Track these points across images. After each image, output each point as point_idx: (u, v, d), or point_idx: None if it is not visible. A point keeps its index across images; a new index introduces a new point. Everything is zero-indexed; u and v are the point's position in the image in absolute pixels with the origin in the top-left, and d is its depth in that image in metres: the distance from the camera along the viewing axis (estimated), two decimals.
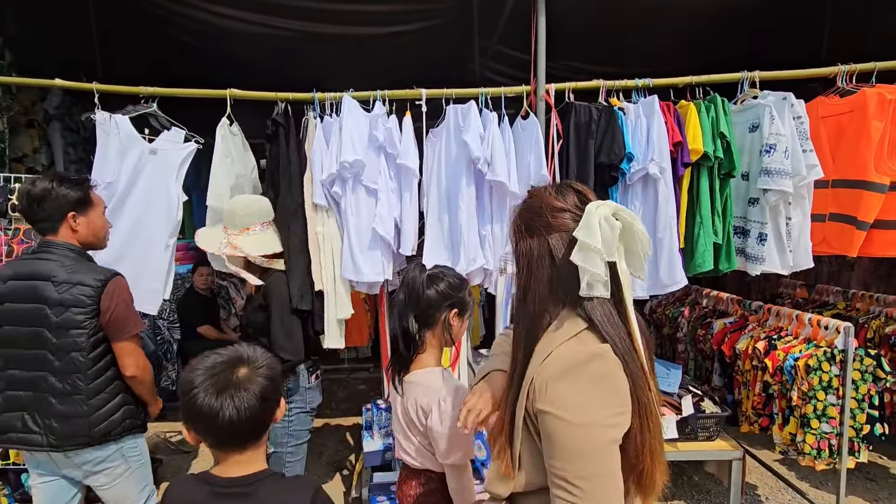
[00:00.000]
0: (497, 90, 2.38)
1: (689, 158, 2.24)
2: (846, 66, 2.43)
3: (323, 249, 2.20)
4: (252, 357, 1.01)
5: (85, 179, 1.78)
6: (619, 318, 0.89)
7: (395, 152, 2.21)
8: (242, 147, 2.43)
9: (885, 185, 2.25)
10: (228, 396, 0.94)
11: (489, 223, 2.28)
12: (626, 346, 0.87)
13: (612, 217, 0.87)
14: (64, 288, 1.62)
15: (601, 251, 0.85)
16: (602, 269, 0.86)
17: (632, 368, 0.86)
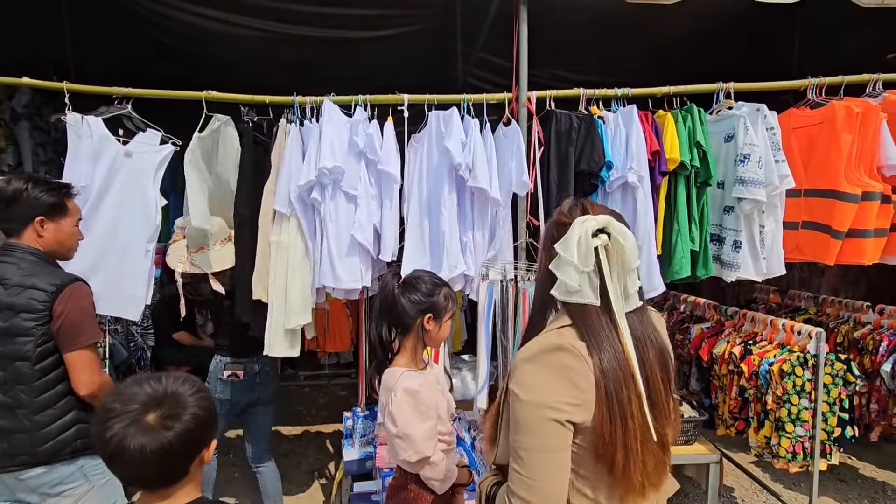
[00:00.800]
0: (479, 97, 2.38)
1: (667, 167, 2.27)
2: (816, 79, 2.51)
3: (275, 259, 2.19)
4: (178, 396, 0.93)
5: (64, 185, 1.69)
6: (609, 325, 0.97)
7: (376, 158, 2.19)
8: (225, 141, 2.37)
9: (858, 195, 2.32)
10: (143, 435, 0.87)
11: (471, 230, 2.28)
12: (610, 350, 0.95)
13: (592, 231, 0.97)
14: (15, 291, 1.51)
15: (575, 263, 0.96)
16: (575, 280, 0.97)
17: (608, 370, 0.94)
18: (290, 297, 2.24)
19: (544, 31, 2.75)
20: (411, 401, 1.41)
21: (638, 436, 0.93)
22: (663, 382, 0.99)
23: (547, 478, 0.93)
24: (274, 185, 2.26)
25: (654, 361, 0.99)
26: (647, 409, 0.93)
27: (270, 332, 2.25)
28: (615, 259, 0.97)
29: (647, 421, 0.94)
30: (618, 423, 0.92)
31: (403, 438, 1.40)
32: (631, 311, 0.99)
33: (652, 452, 0.95)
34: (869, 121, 2.34)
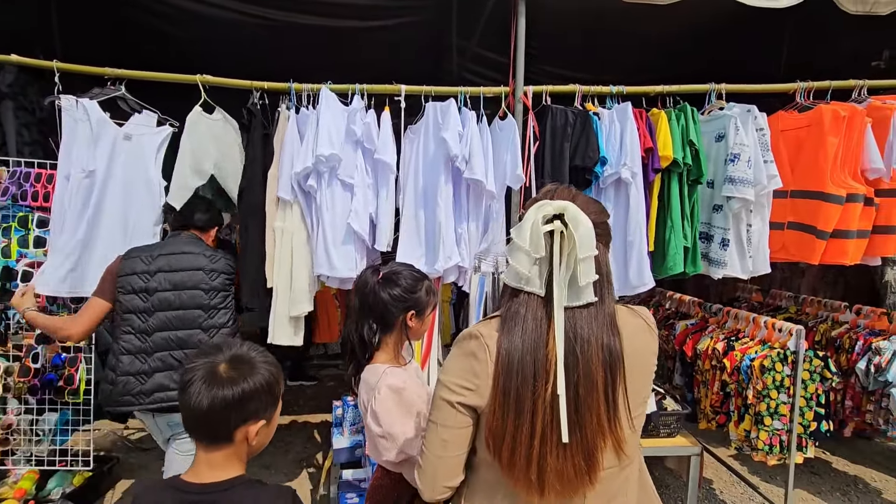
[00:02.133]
0: (476, 90, 2.39)
1: (660, 164, 2.31)
2: (804, 83, 2.57)
3: (280, 245, 2.17)
4: (250, 364, 0.99)
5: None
6: (542, 318, 0.92)
7: (373, 147, 2.19)
8: (227, 132, 2.34)
9: (842, 196, 2.39)
10: (219, 384, 0.94)
11: (465, 221, 2.30)
12: (527, 344, 0.91)
13: (544, 218, 0.92)
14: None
15: (526, 248, 0.92)
16: (526, 266, 0.93)
17: (513, 362, 0.91)
18: (295, 284, 2.22)
19: (540, 27, 2.76)
20: (396, 398, 1.35)
21: (537, 432, 0.89)
22: (605, 387, 0.91)
23: (434, 450, 0.98)
24: (277, 171, 2.24)
25: (595, 362, 0.90)
26: (565, 409, 0.88)
27: (275, 320, 2.21)
28: (567, 248, 0.91)
29: (556, 420, 0.88)
30: (509, 417, 0.90)
31: (387, 438, 1.33)
32: (579, 305, 0.92)
33: (562, 456, 0.90)
34: (854, 125, 2.41)
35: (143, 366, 1.86)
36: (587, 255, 0.90)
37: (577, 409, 0.90)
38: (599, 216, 0.98)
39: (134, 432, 3.68)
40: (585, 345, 0.91)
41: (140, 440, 3.58)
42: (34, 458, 2.42)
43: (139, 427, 3.77)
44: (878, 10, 2.40)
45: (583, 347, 0.91)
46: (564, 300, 0.91)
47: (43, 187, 2.25)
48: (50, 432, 2.39)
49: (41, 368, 2.29)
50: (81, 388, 2.34)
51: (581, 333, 0.91)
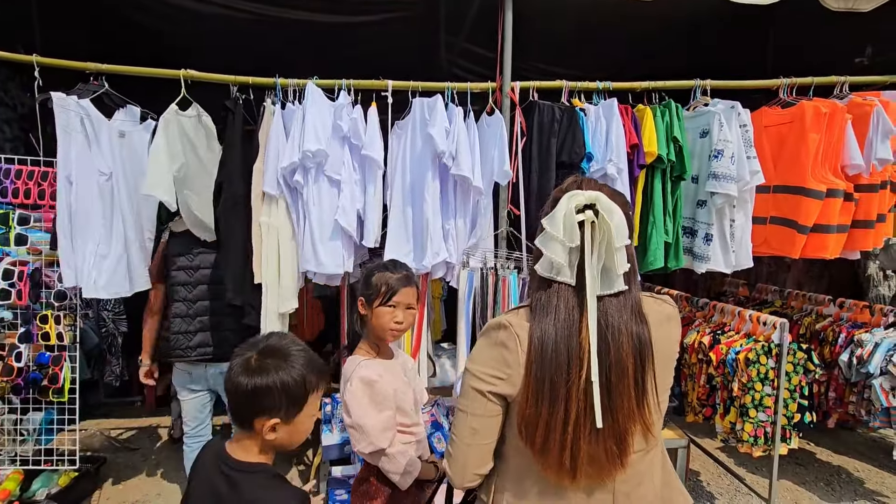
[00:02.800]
0: (463, 85, 2.40)
1: (645, 160, 2.33)
2: (787, 79, 2.60)
3: (267, 241, 2.17)
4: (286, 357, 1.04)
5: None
6: (575, 307, 0.93)
7: (360, 143, 2.18)
8: (199, 130, 2.32)
9: (823, 191, 2.43)
10: (243, 371, 1.02)
11: (453, 217, 2.30)
12: (560, 332, 0.93)
13: (576, 207, 0.92)
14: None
15: (561, 238, 0.92)
16: (562, 256, 0.93)
17: (546, 350, 0.93)
18: (283, 280, 2.22)
19: (528, 22, 2.77)
20: (367, 390, 1.37)
21: (571, 418, 0.91)
22: (635, 374, 0.93)
23: (463, 438, 1.00)
24: (262, 165, 2.22)
25: (626, 350, 0.92)
26: (598, 395, 0.90)
27: (266, 317, 2.20)
28: (600, 237, 0.92)
29: (589, 406, 0.91)
30: (543, 404, 0.92)
31: (357, 429, 1.37)
32: (610, 293, 0.94)
33: (594, 441, 0.92)
34: (835, 121, 2.44)
35: (188, 327, 2.23)
36: (622, 244, 0.92)
37: (609, 395, 0.92)
38: (625, 207, 0.99)
39: (122, 432, 3.65)
40: (616, 333, 0.93)
41: (128, 440, 3.55)
42: (18, 458, 2.39)
43: (127, 426, 3.74)
44: (859, 6, 2.44)
45: (614, 335, 0.93)
46: (598, 289, 0.92)
47: (24, 184, 2.22)
48: (34, 432, 2.37)
49: (25, 367, 2.26)
50: (66, 387, 2.31)
51: (612, 322, 0.93)
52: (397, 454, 1.41)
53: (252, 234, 2.16)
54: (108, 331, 4.11)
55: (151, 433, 3.66)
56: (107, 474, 3.02)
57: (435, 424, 2.47)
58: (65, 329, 2.30)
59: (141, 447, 3.45)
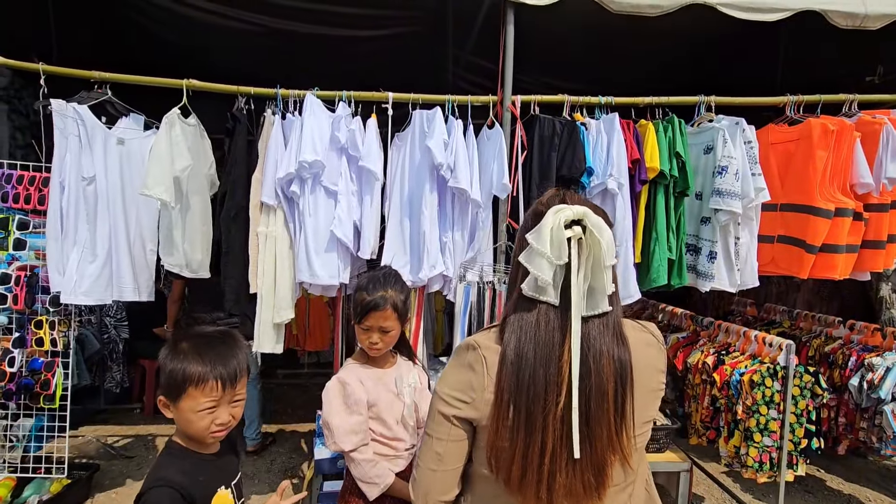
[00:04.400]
0: (464, 98, 2.39)
1: (647, 176, 2.30)
2: (794, 96, 2.57)
3: (264, 251, 2.17)
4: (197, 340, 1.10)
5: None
6: (556, 329, 0.87)
7: (358, 154, 2.18)
8: (198, 140, 2.34)
9: (831, 210, 2.37)
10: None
11: (450, 230, 2.28)
12: (539, 356, 0.86)
13: (565, 223, 0.86)
14: None
15: (548, 255, 0.86)
16: (548, 273, 0.86)
17: (524, 379, 0.86)
18: (279, 290, 2.21)
19: (533, 37, 2.77)
20: (340, 390, 1.44)
21: (547, 449, 0.85)
22: (615, 399, 0.87)
23: (427, 463, 0.94)
24: (262, 176, 2.23)
25: (607, 373, 0.86)
26: (576, 423, 0.83)
27: (260, 327, 2.20)
28: (587, 255, 0.86)
29: (566, 435, 0.84)
30: (519, 435, 0.85)
31: (325, 426, 1.44)
32: (594, 314, 0.87)
33: (571, 473, 0.86)
34: (843, 139, 2.40)
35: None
36: (611, 262, 0.86)
37: (587, 423, 0.86)
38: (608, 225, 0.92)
39: (119, 439, 3.64)
40: (598, 355, 0.86)
41: (124, 447, 3.54)
42: (8, 464, 2.38)
43: (125, 433, 3.73)
44: (868, 24, 2.41)
45: (595, 358, 0.86)
46: (583, 310, 0.86)
47: (25, 189, 2.24)
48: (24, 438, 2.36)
49: (18, 373, 2.26)
50: (58, 393, 2.30)
51: (594, 344, 0.87)
52: (363, 461, 1.42)
53: (249, 244, 2.16)
54: (110, 337, 4.13)
55: (148, 441, 3.64)
56: (100, 482, 2.99)
57: None
58: (59, 335, 2.30)
59: (137, 455, 3.43)
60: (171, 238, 2.18)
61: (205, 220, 2.34)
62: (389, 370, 1.53)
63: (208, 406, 1.06)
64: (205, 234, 2.33)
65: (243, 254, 2.17)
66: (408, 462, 1.53)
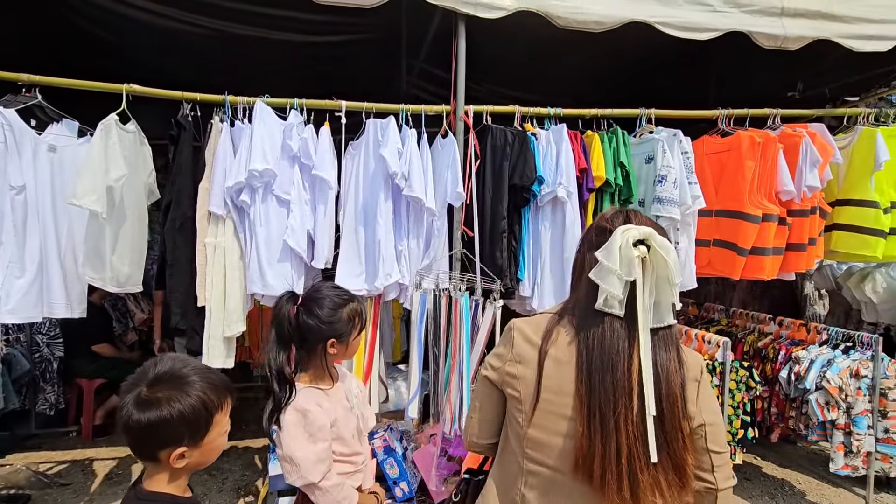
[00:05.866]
0: (417, 108, 2.42)
1: (594, 184, 2.41)
2: (725, 110, 2.76)
3: (212, 262, 2.09)
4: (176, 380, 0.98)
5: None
6: (622, 338, 0.95)
7: (311, 163, 2.16)
8: (137, 147, 2.23)
9: (759, 216, 2.57)
10: (136, 407, 0.95)
11: (406, 238, 2.29)
12: (605, 362, 0.94)
13: (633, 242, 0.94)
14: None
15: (618, 272, 0.93)
16: (618, 289, 0.94)
17: (594, 382, 0.94)
18: (229, 303, 2.13)
19: (487, 48, 2.84)
20: (300, 420, 1.31)
21: (623, 451, 0.91)
22: (683, 406, 0.95)
23: (470, 410, 1.16)
24: (209, 185, 2.16)
25: (674, 381, 0.94)
26: (651, 427, 0.91)
27: (209, 341, 2.12)
28: (651, 272, 0.94)
29: (642, 438, 0.92)
30: (597, 436, 0.92)
31: (288, 461, 1.30)
32: (660, 326, 0.95)
33: (654, 472, 0.92)
34: (768, 150, 2.60)
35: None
36: (678, 279, 0.94)
37: (663, 427, 0.93)
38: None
39: (53, 466, 3.38)
40: (665, 364, 0.94)
41: (59, 474, 3.29)
42: None
43: (59, 459, 3.47)
44: (787, 45, 2.63)
45: (663, 367, 0.94)
46: (651, 322, 0.94)
47: None
48: None
49: None
50: None
51: (660, 354, 0.95)
52: (331, 487, 1.34)
53: (196, 256, 2.07)
54: (42, 356, 3.84)
55: (86, 466, 3.41)
56: None
57: (387, 450, 2.41)
58: None
59: (73, 482, 3.20)
60: (99, 250, 2.03)
61: (139, 231, 2.22)
62: (339, 385, 1.48)
63: (228, 423, 1.06)
64: (137, 247, 2.20)
65: (190, 266, 2.08)
66: (364, 475, 1.50)
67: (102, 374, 3.83)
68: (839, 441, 2.78)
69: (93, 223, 2.09)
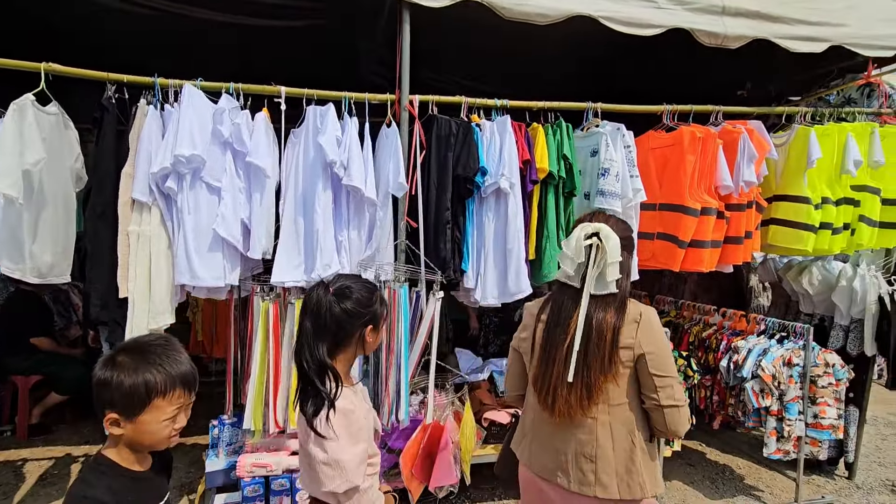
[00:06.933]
0: (361, 95, 2.37)
1: (537, 176, 2.42)
2: (670, 106, 2.81)
3: (136, 251, 2.00)
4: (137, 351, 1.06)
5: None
6: (572, 300, 1.43)
7: (245, 150, 2.08)
8: (59, 130, 2.11)
9: (697, 209, 2.63)
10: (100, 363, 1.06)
11: (346, 228, 2.25)
12: (557, 315, 1.45)
13: (584, 235, 1.40)
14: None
15: (571, 256, 1.41)
16: (571, 268, 1.42)
17: (549, 328, 1.46)
18: (155, 294, 2.04)
19: (451, 38, 2.80)
20: (344, 421, 1.23)
21: (552, 374, 1.40)
22: (607, 346, 1.37)
23: (506, 369, 1.74)
24: (133, 170, 2.06)
25: (605, 329, 1.37)
26: (574, 359, 1.36)
27: (132, 334, 2.01)
28: (601, 255, 1.38)
29: (565, 367, 1.38)
30: (541, 366, 1.44)
31: (333, 465, 1.21)
32: (603, 293, 1.39)
33: (569, 389, 1.37)
34: (708, 146, 2.66)
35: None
36: (614, 260, 1.37)
37: (585, 359, 1.37)
38: (625, 232, 1.46)
39: None
40: (600, 318, 1.38)
41: None
42: None
43: None
44: (728, 43, 2.68)
45: (598, 319, 1.38)
46: (592, 289, 1.39)
47: None
48: None
49: None
50: None
51: (597, 311, 1.39)
52: (368, 489, 1.28)
53: (119, 245, 1.98)
54: None
55: (18, 467, 3.25)
56: None
57: None
58: None
59: (3, 483, 3.05)
60: (16, 238, 1.91)
61: (65, 219, 2.09)
62: (359, 386, 1.42)
63: (174, 414, 1.06)
64: (62, 235, 2.07)
65: (111, 255, 1.98)
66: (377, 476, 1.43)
67: (40, 369, 3.65)
68: (772, 427, 2.90)
69: (9, 210, 1.96)
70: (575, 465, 1.39)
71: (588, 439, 1.39)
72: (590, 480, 1.37)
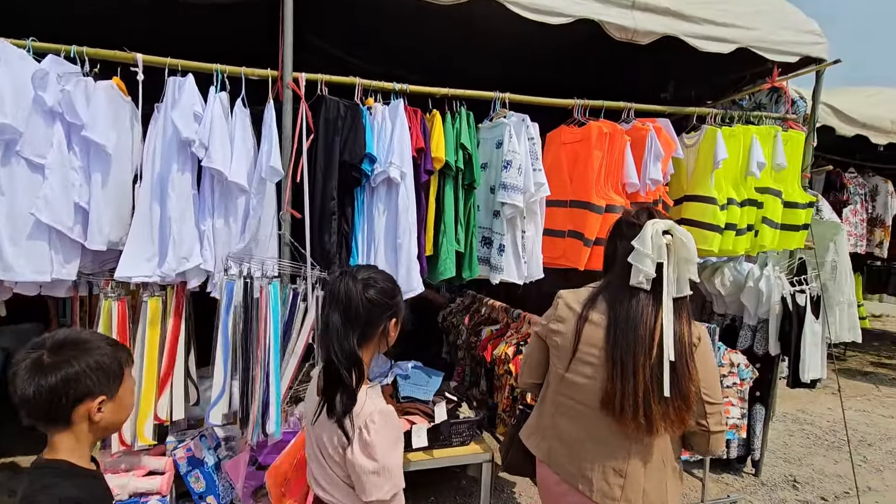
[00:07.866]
0: (236, 69, 2.11)
1: (433, 166, 2.25)
2: (581, 100, 2.73)
3: None
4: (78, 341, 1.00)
5: None
6: (646, 305, 1.30)
7: (79, 122, 1.78)
8: None
9: (602, 206, 2.55)
10: (39, 372, 0.95)
11: (210, 217, 1.99)
12: (629, 324, 1.30)
13: (661, 232, 1.29)
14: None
15: (651, 255, 1.28)
16: (650, 267, 1.28)
17: (618, 338, 1.30)
18: None
19: (365, 22, 2.58)
20: (388, 424, 1.17)
21: (640, 389, 1.26)
22: (691, 354, 1.30)
23: (523, 357, 1.62)
24: None
25: (686, 338, 1.29)
26: (667, 370, 1.25)
27: None
28: (674, 255, 1.28)
29: (656, 379, 1.26)
30: (618, 380, 1.28)
31: (381, 472, 1.13)
32: (679, 297, 1.29)
33: (665, 403, 1.26)
34: (615, 142, 2.59)
35: None
36: (692, 258, 1.29)
37: (675, 369, 1.27)
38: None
39: None
40: (679, 325, 1.29)
41: None
42: None
43: None
44: (638, 39, 2.63)
45: (678, 326, 1.29)
46: (674, 293, 1.29)
47: None
48: None
49: None
50: None
51: (677, 317, 1.29)
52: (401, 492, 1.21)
53: None
54: None
55: None
56: None
57: (192, 461, 2.10)
58: None
59: None
60: None
61: None
62: (375, 382, 1.34)
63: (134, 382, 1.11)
64: None
65: None
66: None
67: None
68: None
69: None
70: (601, 476, 1.33)
71: (621, 454, 1.33)
72: (615, 495, 1.33)
